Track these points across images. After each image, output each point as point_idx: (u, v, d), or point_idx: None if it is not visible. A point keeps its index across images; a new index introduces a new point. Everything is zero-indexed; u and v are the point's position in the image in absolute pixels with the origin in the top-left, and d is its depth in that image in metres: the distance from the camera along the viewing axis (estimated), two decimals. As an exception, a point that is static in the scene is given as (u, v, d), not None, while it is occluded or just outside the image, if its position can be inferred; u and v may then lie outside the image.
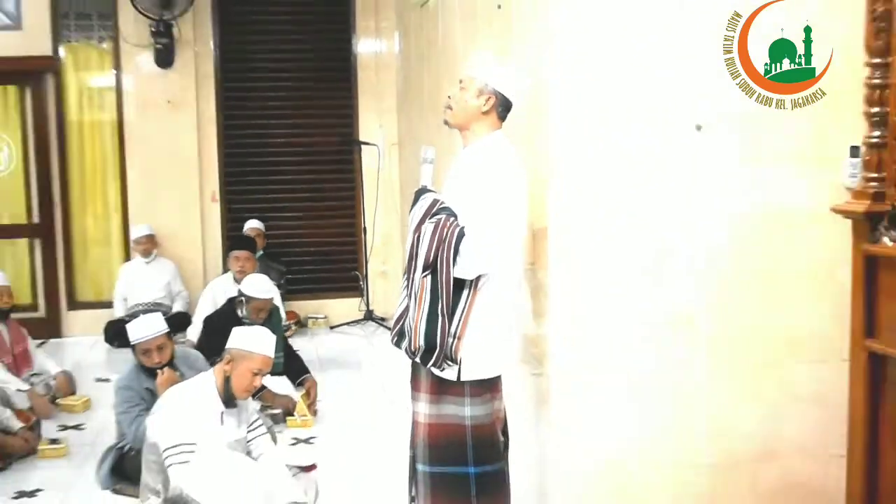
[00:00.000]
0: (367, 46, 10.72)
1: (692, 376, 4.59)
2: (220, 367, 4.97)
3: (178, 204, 10.35)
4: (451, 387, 4.22)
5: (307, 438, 6.77)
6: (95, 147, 10.58)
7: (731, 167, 4.54)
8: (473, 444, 4.29)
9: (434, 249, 4.06)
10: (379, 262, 10.52)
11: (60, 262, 10.47)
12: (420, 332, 4.11)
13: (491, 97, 4.24)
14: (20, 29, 10.21)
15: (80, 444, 6.74)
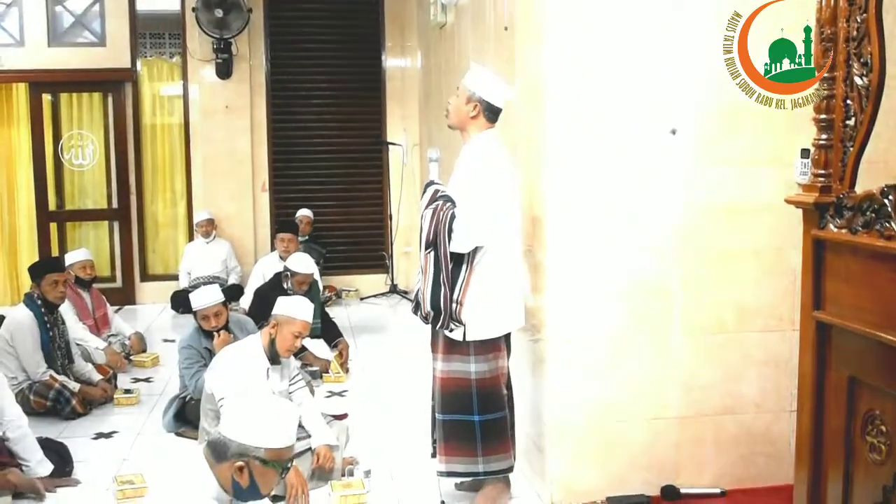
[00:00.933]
0: (394, 62, 10.68)
1: (665, 343, 4.57)
2: (267, 330, 4.99)
3: (234, 193, 10.35)
4: (459, 347, 4.30)
5: (340, 392, 6.76)
6: (165, 145, 10.60)
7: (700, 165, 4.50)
8: (478, 396, 4.36)
9: (433, 230, 4.22)
10: (402, 244, 10.50)
11: (135, 241, 10.48)
12: (426, 299, 4.23)
13: (477, 105, 4.34)
14: (104, 46, 10.20)
15: (149, 395, 6.75)
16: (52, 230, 10.38)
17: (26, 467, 4.89)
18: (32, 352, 6.23)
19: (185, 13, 10.16)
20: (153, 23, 10.41)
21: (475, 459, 4.41)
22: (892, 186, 2.31)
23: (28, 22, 10.04)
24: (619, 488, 4.58)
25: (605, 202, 4.47)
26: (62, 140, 10.37)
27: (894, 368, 2.31)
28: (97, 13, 10.19)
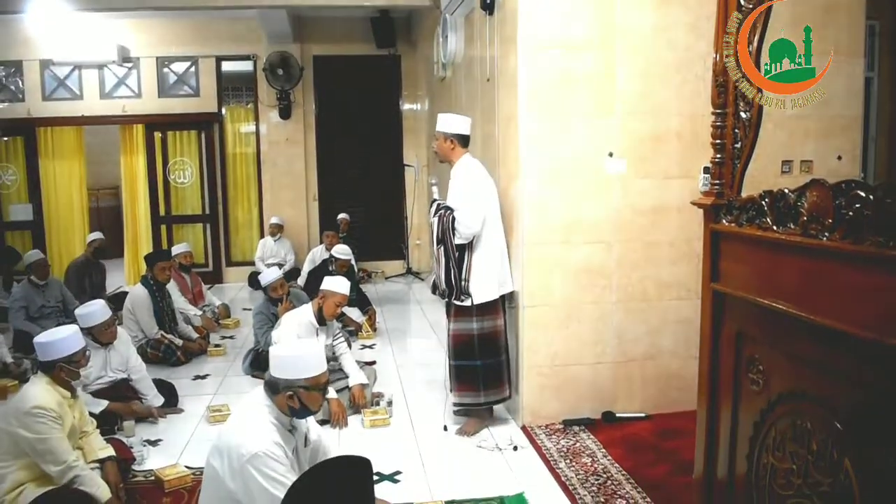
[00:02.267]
0: (408, 105, 10.61)
1: (604, 308, 4.56)
2: (316, 301, 4.98)
3: (292, 202, 10.30)
4: (466, 310, 4.38)
5: (370, 345, 6.74)
6: (243, 168, 10.50)
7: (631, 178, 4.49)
8: (479, 346, 4.41)
9: (441, 231, 4.32)
10: (415, 237, 10.48)
11: (221, 237, 10.44)
12: (441, 280, 4.33)
13: (452, 140, 4.42)
14: (198, 96, 10.15)
15: (232, 348, 6.74)
16: (161, 230, 10.36)
17: (144, 399, 4.91)
18: (147, 318, 6.23)
19: (256, 72, 10.11)
20: (234, 79, 10.33)
21: (478, 393, 4.46)
22: (767, 192, 2.30)
23: (144, 80, 10.01)
24: (572, 413, 4.58)
25: (563, 206, 4.45)
26: (169, 165, 10.32)
27: (768, 324, 2.31)
28: (193, 73, 10.14)
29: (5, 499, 3.31)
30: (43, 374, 3.54)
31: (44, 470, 3.36)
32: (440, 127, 4.44)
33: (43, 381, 3.51)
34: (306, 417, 3.00)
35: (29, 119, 9.81)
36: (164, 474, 3.88)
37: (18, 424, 3.33)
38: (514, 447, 4.24)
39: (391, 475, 3.96)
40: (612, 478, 3.81)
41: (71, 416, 3.55)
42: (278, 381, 2.86)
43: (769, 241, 2.27)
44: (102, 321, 4.70)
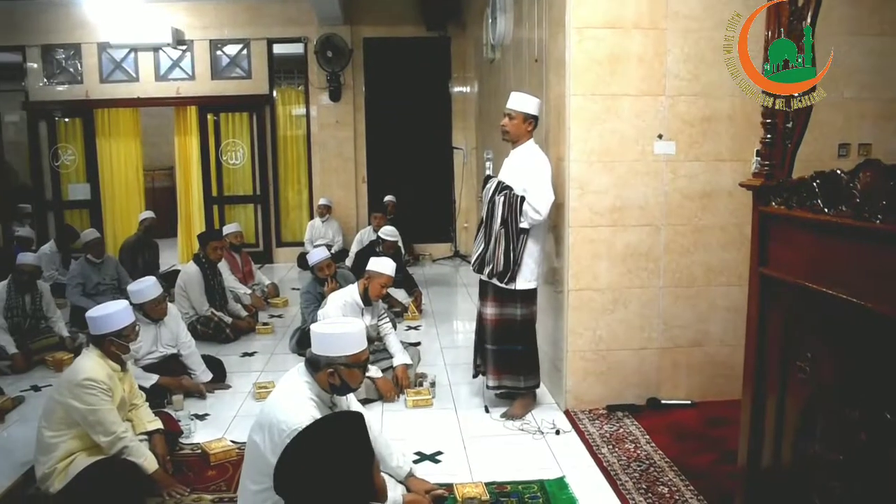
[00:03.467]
0: (457, 88, 10.57)
1: (651, 293, 4.49)
2: (362, 281, 4.99)
3: (341, 184, 10.38)
4: (509, 296, 4.32)
5: (415, 326, 6.77)
6: (293, 150, 10.61)
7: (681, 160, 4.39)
8: (521, 332, 4.38)
9: (506, 212, 4.22)
10: (463, 221, 10.44)
11: (272, 217, 10.57)
12: (500, 262, 4.24)
13: (533, 121, 4.31)
14: (250, 78, 10.26)
15: (280, 326, 6.83)
16: (214, 210, 10.53)
17: (193, 375, 5.02)
18: (199, 295, 6.35)
19: (307, 54, 10.18)
20: (285, 61, 10.42)
21: (518, 377, 4.45)
22: (818, 173, 2.22)
23: (197, 62, 10.17)
24: (616, 399, 4.53)
25: (610, 188, 4.38)
26: (221, 146, 10.48)
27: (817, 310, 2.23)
28: (245, 55, 10.25)
29: (57, 466, 3.42)
30: (94, 347, 3.63)
31: (94, 440, 3.45)
32: (518, 106, 4.29)
33: (94, 355, 3.60)
34: (347, 394, 3.02)
35: (87, 101, 10.05)
36: (210, 448, 3.96)
37: (70, 395, 3.43)
38: (557, 431, 4.21)
39: (432, 455, 3.97)
40: (654, 465, 3.76)
41: (121, 389, 3.65)
42: (319, 358, 2.88)
43: (820, 224, 2.19)
44: (153, 298, 4.81)
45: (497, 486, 3.56)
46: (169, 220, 10.92)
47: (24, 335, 5.75)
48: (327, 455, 2.07)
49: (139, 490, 3.47)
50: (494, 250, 4.26)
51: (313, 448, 2.10)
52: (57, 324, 6.01)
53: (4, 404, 4.70)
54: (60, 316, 6.15)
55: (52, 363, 5.53)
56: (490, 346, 4.43)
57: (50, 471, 3.42)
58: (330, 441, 2.11)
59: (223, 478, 3.74)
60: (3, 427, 4.52)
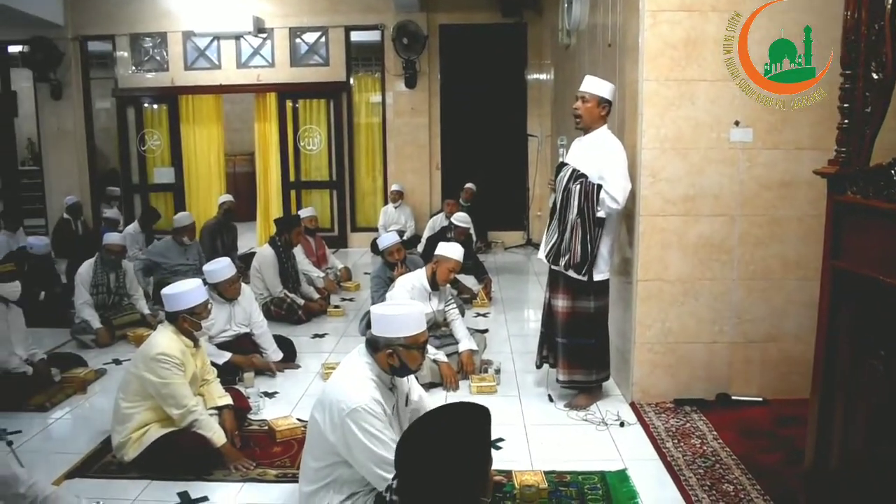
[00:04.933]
0: (533, 75, 10.49)
1: (724, 285, 4.38)
2: (430, 266, 5.03)
3: (416, 171, 10.45)
4: (583, 288, 4.27)
5: (484, 313, 6.78)
6: (369, 137, 10.73)
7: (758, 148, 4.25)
8: (595, 325, 4.36)
9: (582, 201, 4.14)
10: (536, 209, 10.37)
11: (347, 203, 10.72)
12: (577, 252, 4.16)
13: (607, 106, 4.22)
14: (328, 66, 10.42)
15: (351, 309, 6.97)
16: (291, 195, 10.75)
17: (265, 353, 5.17)
18: (273, 277, 6.51)
19: (384, 41, 10.26)
20: (362, 49, 10.54)
21: (590, 371, 4.41)
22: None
23: (277, 50, 10.38)
24: (684, 393, 4.45)
25: (683, 176, 4.28)
26: (299, 132, 10.69)
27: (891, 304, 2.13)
28: (323, 43, 10.41)
29: (132, 436, 3.58)
30: (169, 323, 3.78)
31: (167, 412, 3.60)
32: (592, 89, 4.22)
33: (168, 331, 3.75)
34: (406, 376, 3.05)
35: (172, 88, 10.41)
36: (277, 425, 4.06)
37: (145, 369, 3.59)
38: (621, 423, 4.16)
39: (493, 442, 3.95)
40: (721, 461, 3.67)
41: (193, 365, 3.78)
42: (379, 339, 2.92)
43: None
44: (227, 278, 4.96)
45: (556, 476, 3.54)
46: (248, 203, 11.22)
47: (107, 311, 6.02)
48: (451, 442, 2.09)
49: (207, 462, 3.60)
50: (571, 240, 4.19)
51: (439, 432, 2.13)
52: (139, 301, 6.27)
53: (87, 376, 4.94)
54: (142, 294, 6.42)
55: (134, 338, 5.77)
56: (561, 339, 4.39)
57: (125, 440, 3.59)
58: (456, 429, 2.13)
59: (288, 454, 3.84)
60: (85, 398, 4.76)
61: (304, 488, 2.99)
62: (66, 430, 4.33)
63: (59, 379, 4.88)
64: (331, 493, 2.90)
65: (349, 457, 2.80)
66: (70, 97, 10.44)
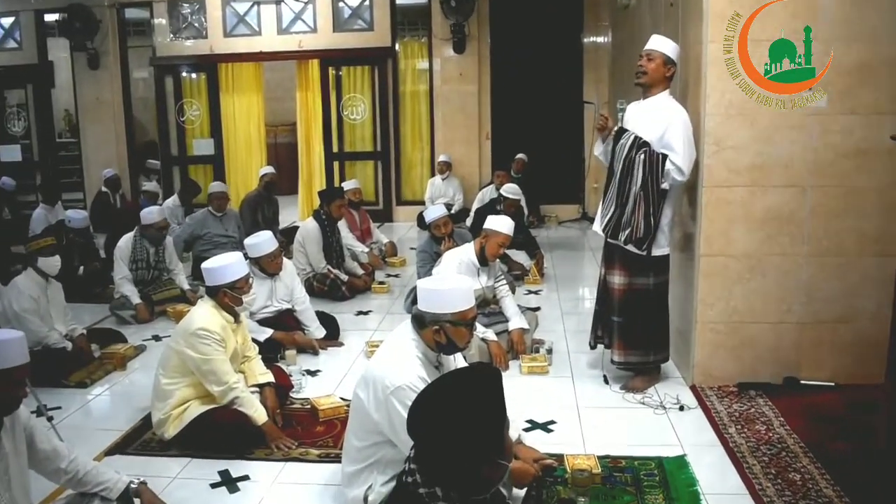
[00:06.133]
0: (590, 38, 10.35)
1: (793, 261, 4.30)
2: (479, 240, 5.04)
3: (464, 140, 10.43)
4: (640, 264, 4.24)
5: (536, 291, 6.78)
6: (415, 105, 10.74)
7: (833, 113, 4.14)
8: (651, 303, 4.33)
9: (647, 171, 4.08)
10: (592, 181, 10.26)
11: (392, 175, 10.77)
12: (640, 226, 4.12)
13: (672, 67, 4.17)
14: (372, 30, 10.44)
15: (397, 286, 7.05)
16: (334, 166, 10.85)
17: (307, 330, 5.27)
18: (316, 252, 6.61)
19: (431, 4, 10.23)
20: (408, 12, 10.54)
21: (648, 352, 4.40)
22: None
23: (319, 15, 10.44)
24: (749, 376, 4.40)
25: (750, 144, 4.20)
26: (342, 101, 10.76)
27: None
28: (367, 6, 10.42)
29: (172, 413, 3.70)
30: (209, 298, 3.87)
31: (207, 389, 3.70)
32: (660, 47, 4.15)
33: (208, 305, 3.84)
34: (453, 354, 3.08)
35: (211, 55, 10.56)
36: (320, 403, 4.15)
37: (185, 344, 3.69)
38: (681, 407, 4.14)
39: (544, 424, 4.00)
40: (787, 449, 3.63)
41: (234, 341, 3.88)
42: (425, 315, 2.95)
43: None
44: (269, 252, 5.06)
45: (611, 461, 3.55)
46: (290, 176, 11.36)
47: (147, 286, 6.19)
48: (462, 405, 2.15)
49: (248, 440, 3.69)
50: (633, 213, 4.15)
51: (448, 396, 2.18)
52: (178, 276, 6.43)
53: (127, 352, 5.11)
54: (182, 269, 6.58)
55: (174, 314, 5.92)
56: (617, 318, 4.37)
57: (165, 417, 3.71)
58: (466, 392, 2.19)
59: (330, 434, 3.92)
60: (125, 374, 4.92)
61: (347, 468, 3.06)
62: (105, 406, 4.49)
63: (99, 355, 5.07)
64: (374, 473, 2.96)
65: (393, 436, 2.85)
66: (107, 67, 10.68)
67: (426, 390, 2.31)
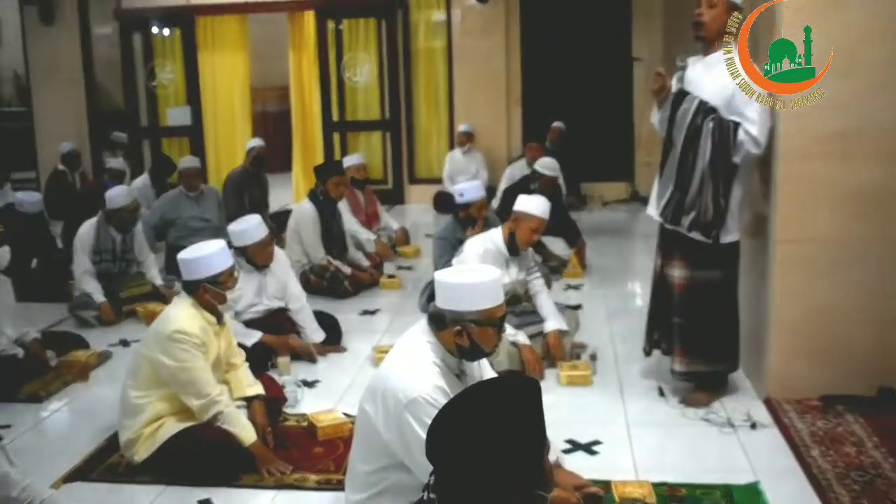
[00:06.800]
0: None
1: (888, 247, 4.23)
2: (508, 224, 5.01)
3: (489, 106, 10.45)
4: (706, 253, 4.20)
5: (577, 286, 6.78)
6: (430, 65, 10.78)
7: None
8: (719, 299, 4.30)
9: (716, 143, 4.03)
10: (644, 154, 10.24)
11: (404, 148, 10.82)
12: (708, 208, 4.09)
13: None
14: (379, -26, 10.48)
15: (409, 280, 7.07)
16: (334, 138, 10.89)
17: (303, 334, 5.29)
18: (314, 239, 6.62)
19: (449, -58, 10.25)
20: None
21: (714, 359, 4.37)
22: None
23: (315, -45, 10.47)
24: (836, 387, 4.35)
25: (836, 106, 4.11)
26: (343, 60, 10.78)
27: None
28: (373, -55, 10.46)
29: (143, 431, 3.71)
30: (187, 295, 3.88)
31: (185, 403, 3.70)
32: None
33: (186, 304, 3.85)
34: (478, 360, 3.06)
35: (187, 7, 10.62)
36: (319, 420, 4.15)
37: (159, 349, 3.70)
38: (752, 424, 4.12)
39: (588, 445, 4.00)
40: (883, 476, 3.61)
41: (216, 345, 3.88)
42: (444, 312, 2.93)
43: None
44: (257, 240, 5.06)
45: (668, 489, 3.54)
46: (282, 150, 11.39)
47: (113, 281, 6.22)
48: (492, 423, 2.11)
49: (234, 464, 3.70)
50: (699, 194, 4.11)
51: (476, 412, 2.15)
52: (150, 269, 6.46)
53: (89, 360, 5.13)
54: (154, 260, 6.62)
55: (144, 315, 5.95)
56: (678, 318, 4.35)
57: (135, 436, 3.72)
58: (497, 407, 2.15)
59: (332, 456, 3.93)
60: (87, 386, 4.95)
61: (352, 497, 3.05)
62: (64, 424, 4.52)
63: (56, 363, 5.08)
64: (384, 502, 2.95)
65: (407, 459, 2.84)
66: (63, 21, 10.72)
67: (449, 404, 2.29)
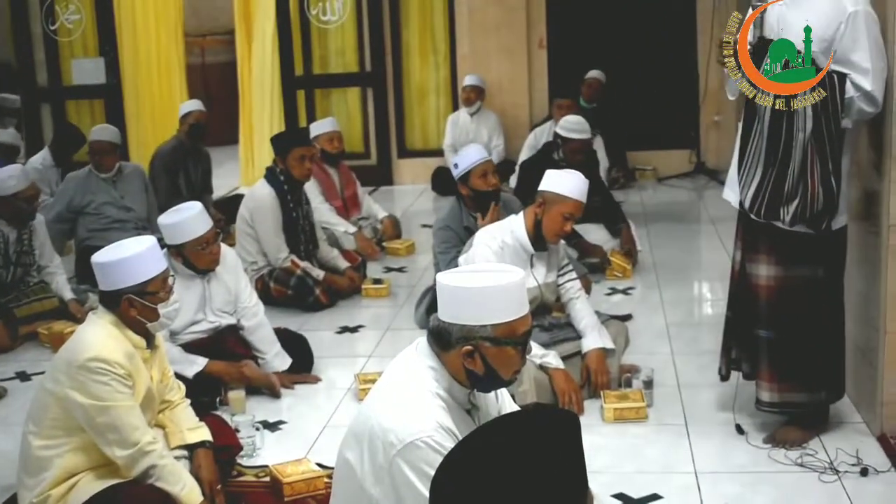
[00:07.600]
0: None
1: None
2: (532, 209, 5.00)
3: (505, 52, 10.43)
4: (805, 245, 4.21)
5: (624, 289, 6.79)
6: None
7: None
8: (822, 306, 4.30)
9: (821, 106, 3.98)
10: (711, 112, 10.23)
11: (391, 110, 10.82)
12: (818, 195, 4.07)
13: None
14: None
15: (401, 286, 7.07)
16: (298, 98, 10.90)
17: (262, 360, 5.28)
18: (273, 234, 6.63)
19: None
20: None
21: (816, 385, 4.37)
22: None
23: None
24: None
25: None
26: (307, -6, 10.79)
27: None
28: None
29: (51, 494, 3.70)
30: (105, 311, 3.87)
31: (106, 454, 3.70)
32: None
33: (105, 322, 3.83)
34: (495, 390, 3.06)
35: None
36: (285, 474, 4.16)
37: (70, 384, 3.67)
38: (863, 470, 4.15)
39: (643, 500, 4.02)
40: None
41: (146, 377, 3.88)
42: (451, 328, 2.92)
43: None
44: (199, 236, 5.07)
45: (752, 557, 3.56)
46: (228, 115, 11.36)
47: (6, 293, 6.23)
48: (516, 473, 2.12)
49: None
50: (803, 176, 4.09)
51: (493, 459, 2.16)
52: (56, 278, 6.47)
53: (-27, 400, 5.15)
54: (61, 265, 6.61)
55: (48, 338, 5.97)
56: (764, 331, 4.36)
57: (41, 499, 3.70)
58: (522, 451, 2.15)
59: (303, 521, 3.94)
60: (-27, 434, 4.95)
61: (330, 574, 3.06)
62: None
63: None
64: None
65: (403, 522, 2.84)
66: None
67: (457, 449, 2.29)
